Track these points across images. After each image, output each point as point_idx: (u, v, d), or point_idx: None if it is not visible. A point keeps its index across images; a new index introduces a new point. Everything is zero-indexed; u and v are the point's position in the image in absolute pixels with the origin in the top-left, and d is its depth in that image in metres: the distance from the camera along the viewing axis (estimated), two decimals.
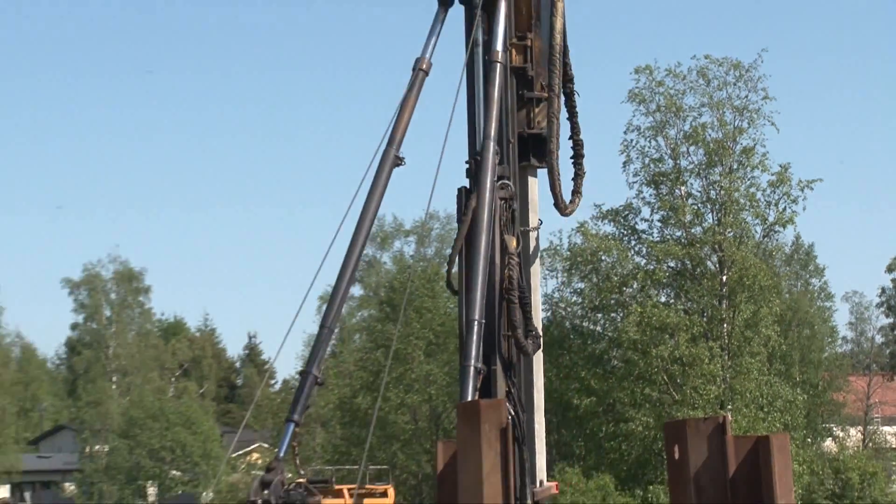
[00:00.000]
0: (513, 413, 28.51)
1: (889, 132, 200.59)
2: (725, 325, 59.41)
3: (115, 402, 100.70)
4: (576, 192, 29.63)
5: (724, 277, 59.57)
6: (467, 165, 27.94)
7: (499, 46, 28.18)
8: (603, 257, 62.21)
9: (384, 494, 29.28)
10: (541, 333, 27.98)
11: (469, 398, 25.57)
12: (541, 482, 25.11)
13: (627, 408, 59.49)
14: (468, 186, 27.52)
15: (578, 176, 29.51)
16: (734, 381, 58.28)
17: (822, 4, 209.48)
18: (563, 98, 28.17)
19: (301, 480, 26.70)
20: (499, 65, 27.83)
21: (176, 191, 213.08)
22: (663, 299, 61.49)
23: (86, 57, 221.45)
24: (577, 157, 29.32)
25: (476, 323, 27.41)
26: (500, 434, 15.81)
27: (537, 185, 29.11)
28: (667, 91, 60.03)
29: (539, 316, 27.00)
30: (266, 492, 25.34)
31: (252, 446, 73.49)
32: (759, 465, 14.24)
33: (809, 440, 64.17)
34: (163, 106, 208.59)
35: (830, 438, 73.58)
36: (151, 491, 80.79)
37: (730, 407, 55.45)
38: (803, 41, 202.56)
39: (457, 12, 26.65)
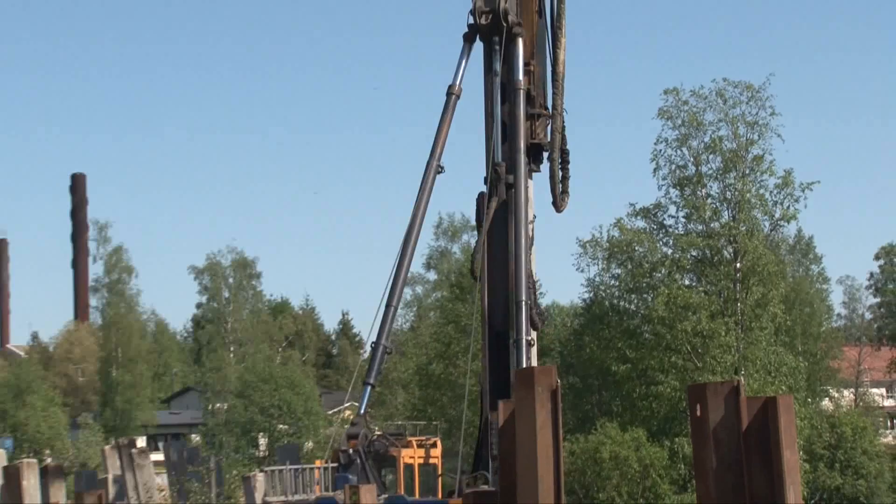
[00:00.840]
0: None
1: (879, 141, 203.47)
2: (739, 305, 60.77)
3: (232, 368, 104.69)
4: (564, 191, 32.20)
5: (738, 264, 60.90)
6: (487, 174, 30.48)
7: (521, 76, 30.72)
8: (636, 248, 63.77)
9: (434, 445, 31.31)
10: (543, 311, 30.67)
11: (524, 366, 27.75)
12: None
13: (657, 373, 60.94)
14: (486, 191, 30.06)
15: (566, 178, 32.02)
16: (746, 351, 59.74)
17: (821, 34, 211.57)
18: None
19: (379, 433, 28.94)
20: (521, 91, 30.33)
21: (284, 189, 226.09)
22: (687, 283, 62.87)
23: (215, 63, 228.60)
24: (565, 164, 31.85)
25: (524, 304, 29.82)
26: (551, 395, 16.32)
27: (532, 185, 31.57)
28: (690, 109, 61.76)
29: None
30: (352, 441, 27.59)
31: (345, 405, 75.17)
32: (767, 422, 14.90)
33: (809, 400, 65.53)
34: (270, 118, 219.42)
35: (827, 399, 75.13)
36: (262, 441, 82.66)
37: (743, 372, 56.75)
38: (806, 62, 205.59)
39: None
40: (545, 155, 32.09)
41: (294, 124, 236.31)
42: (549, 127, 31.74)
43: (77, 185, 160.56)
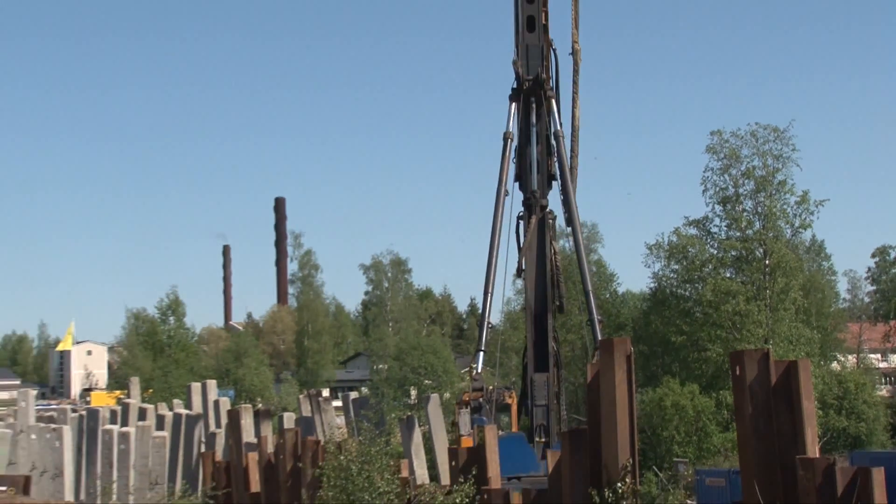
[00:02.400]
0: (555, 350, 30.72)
1: (877, 161, 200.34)
2: (768, 291, 60.14)
3: (390, 339, 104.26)
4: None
5: (767, 262, 60.26)
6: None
7: (558, 126, 30.72)
8: (689, 249, 63.52)
9: (511, 397, 31.08)
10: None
11: (600, 338, 27.56)
12: None
13: (706, 343, 60.42)
14: (524, 212, 30.36)
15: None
16: (774, 327, 59.03)
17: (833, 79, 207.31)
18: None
19: (491, 388, 28.94)
20: (560, 137, 30.36)
21: (430, 203, 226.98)
22: (728, 275, 62.47)
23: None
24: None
25: (591, 293, 29.79)
26: (626, 359, 16.32)
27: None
28: (730, 146, 61.38)
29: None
30: (476, 393, 27.68)
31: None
32: (790, 379, 14.90)
33: (822, 363, 64.42)
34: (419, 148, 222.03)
35: (835, 362, 73.90)
36: (413, 393, 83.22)
37: (771, 343, 56.04)
38: (822, 103, 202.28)
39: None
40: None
41: (442, 153, 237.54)
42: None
43: (279, 206, 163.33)
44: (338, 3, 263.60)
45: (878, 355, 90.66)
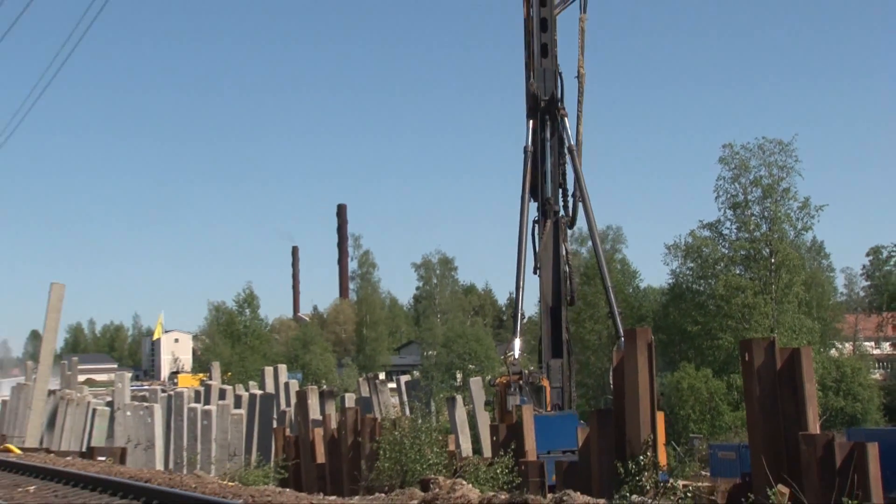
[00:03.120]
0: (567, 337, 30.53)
1: (871, 169, 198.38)
2: (773, 287, 59.70)
3: (439, 328, 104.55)
4: (575, 214, 31.84)
5: (773, 260, 59.84)
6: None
7: (573, 141, 30.49)
8: (703, 249, 63.37)
9: (543, 379, 30.86)
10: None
11: (622, 328, 27.33)
12: None
13: (718, 332, 60.16)
14: (539, 218, 30.15)
15: (576, 208, 31.56)
16: (779, 318, 58.63)
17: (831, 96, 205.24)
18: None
19: (527, 371, 28.80)
20: (574, 151, 30.16)
21: (474, 206, 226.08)
22: (737, 272, 62.20)
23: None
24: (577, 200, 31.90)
25: (612, 288, 29.61)
26: (647, 346, 16.19)
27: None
28: (740, 157, 61.06)
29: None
30: (515, 376, 27.55)
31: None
32: (793, 364, 14.72)
33: (822, 350, 63.87)
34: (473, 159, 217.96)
35: (834, 349, 73.28)
36: (458, 376, 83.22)
37: (776, 332, 55.80)
38: (824, 114, 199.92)
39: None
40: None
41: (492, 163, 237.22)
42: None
43: (340, 211, 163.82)
44: (398, 19, 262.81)
45: (872, 343, 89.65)
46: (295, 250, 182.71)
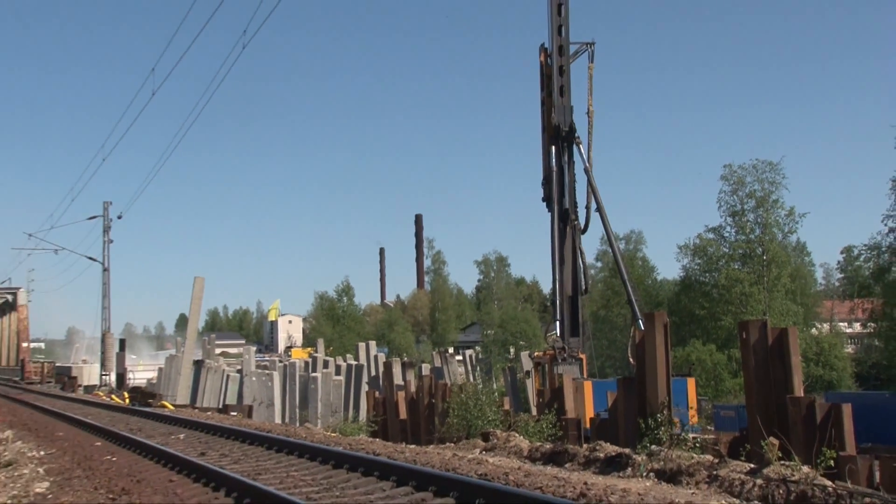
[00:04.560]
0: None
1: (844, 183, 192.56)
2: (765, 279, 59.14)
3: (496, 313, 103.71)
4: (587, 224, 31.09)
5: (765, 258, 59.39)
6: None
7: (590, 163, 29.98)
8: (709, 248, 62.91)
9: (581, 353, 30.56)
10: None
11: (639, 311, 26.80)
12: None
13: (720, 315, 59.72)
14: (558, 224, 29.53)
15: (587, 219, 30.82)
16: (770, 303, 58.08)
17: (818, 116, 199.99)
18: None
19: (566, 346, 28.54)
20: (590, 171, 29.59)
21: (525, 210, 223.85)
22: (736, 267, 61.43)
23: None
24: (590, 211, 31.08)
25: (629, 281, 29.05)
26: (664, 327, 15.96)
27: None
28: (738, 174, 60.57)
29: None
30: (559, 348, 27.37)
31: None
32: (782, 341, 14.45)
33: (805, 329, 63.03)
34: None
35: (814, 328, 71.85)
36: (511, 350, 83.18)
37: (768, 315, 55.12)
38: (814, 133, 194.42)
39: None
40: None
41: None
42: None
43: (417, 220, 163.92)
44: (459, 30, 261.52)
45: (846, 323, 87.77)
46: (382, 251, 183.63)
